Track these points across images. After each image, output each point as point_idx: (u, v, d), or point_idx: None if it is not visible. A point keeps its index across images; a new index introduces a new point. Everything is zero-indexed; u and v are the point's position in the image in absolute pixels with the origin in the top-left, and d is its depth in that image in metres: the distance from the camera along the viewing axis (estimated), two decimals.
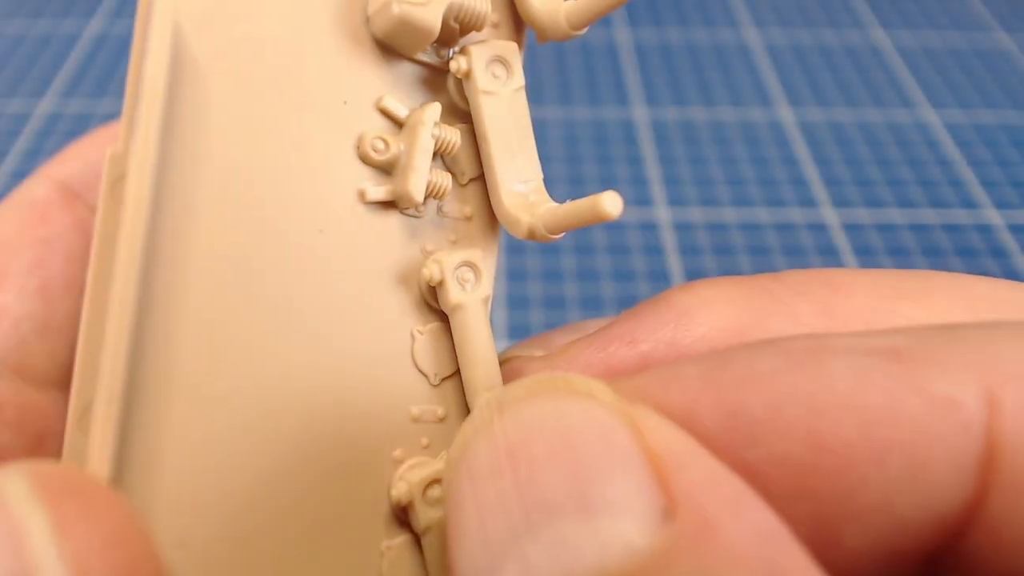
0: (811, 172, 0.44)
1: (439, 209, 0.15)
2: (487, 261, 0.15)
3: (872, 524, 0.10)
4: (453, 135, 0.14)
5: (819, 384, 0.10)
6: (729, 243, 0.41)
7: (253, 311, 0.13)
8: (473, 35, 0.15)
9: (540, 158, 0.15)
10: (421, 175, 0.14)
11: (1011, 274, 0.39)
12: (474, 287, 0.14)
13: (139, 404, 0.12)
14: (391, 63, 0.14)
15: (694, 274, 0.39)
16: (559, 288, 0.39)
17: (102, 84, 0.48)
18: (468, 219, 0.15)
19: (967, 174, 0.44)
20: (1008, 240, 0.41)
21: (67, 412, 0.12)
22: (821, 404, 0.10)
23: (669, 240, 0.41)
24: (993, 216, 0.42)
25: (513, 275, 0.39)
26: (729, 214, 0.42)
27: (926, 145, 0.46)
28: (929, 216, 0.42)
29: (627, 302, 0.38)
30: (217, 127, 0.13)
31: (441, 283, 0.14)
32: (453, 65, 0.14)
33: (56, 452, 0.14)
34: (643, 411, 0.10)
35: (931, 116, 0.48)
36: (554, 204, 0.14)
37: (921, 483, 0.10)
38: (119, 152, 0.12)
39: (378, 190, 0.14)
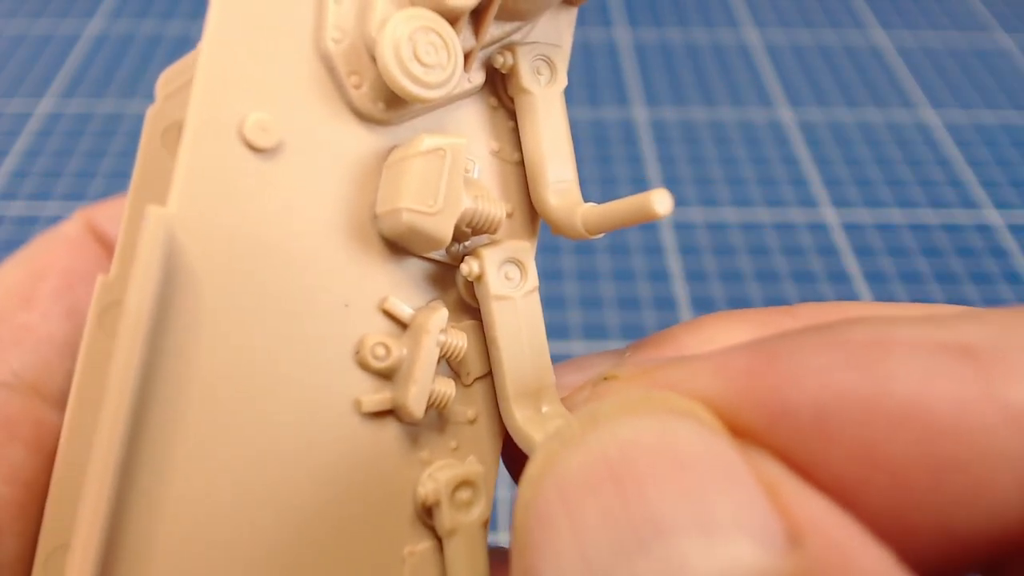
0: (811, 172, 0.44)
1: (440, 412, 0.14)
2: (488, 479, 0.14)
3: (922, 538, 0.09)
4: (460, 339, 0.13)
5: (877, 386, 0.09)
6: (729, 243, 0.41)
7: (237, 527, 0.12)
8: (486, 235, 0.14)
9: None
10: (423, 389, 0.13)
11: (1011, 274, 0.39)
12: (472, 509, 0.13)
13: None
14: (398, 260, 0.13)
15: (694, 274, 0.39)
16: (559, 288, 0.39)
17: (102, 84, 0.48)
18: (471, 422, 0.14)
19: (967, 174, 0.44)
20: (1008, 240, 0.41)
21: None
22: (877, 411, 0.09)
23: (669, 240, 0.41)
24: (993, 216, 0.42)
25: None
26: (729, 214, 0.42)
27: (926, 145, 0.46)
28: (929, 216, 0.42)
29: (627, 302, 0.38)
30: (209, 339, 0.12)
31: (436, 504, 0.13)
32: (464, 268, 0.13)
33: None
34: (743, 439, 0.09)
35: (931, 116, 0.48)
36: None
37: (983, 503, 0.09)
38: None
39: (375, 399, 0.13)
